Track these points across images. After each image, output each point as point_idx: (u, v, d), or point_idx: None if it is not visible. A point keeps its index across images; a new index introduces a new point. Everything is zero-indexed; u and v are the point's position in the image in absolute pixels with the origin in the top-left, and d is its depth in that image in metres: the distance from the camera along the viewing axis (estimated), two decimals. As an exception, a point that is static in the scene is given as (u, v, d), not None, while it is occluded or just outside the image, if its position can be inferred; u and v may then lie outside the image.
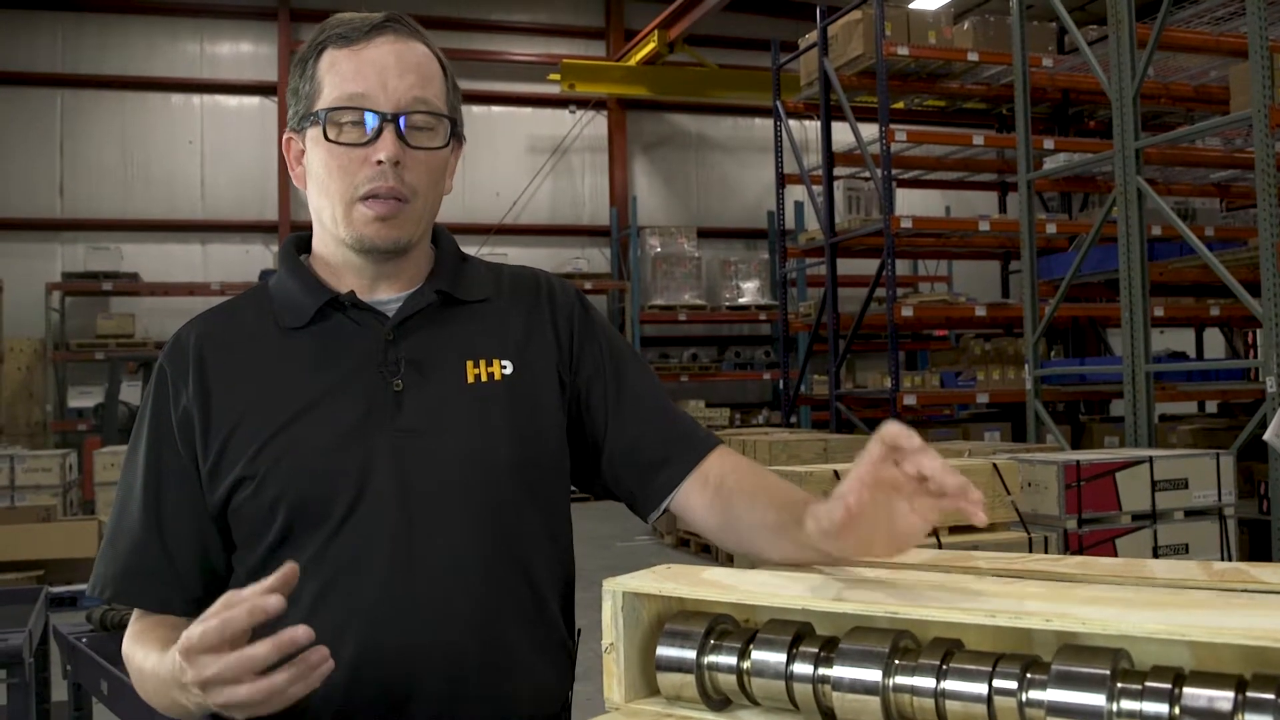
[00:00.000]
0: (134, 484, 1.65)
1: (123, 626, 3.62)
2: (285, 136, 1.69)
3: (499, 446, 1.62)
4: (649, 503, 1.72)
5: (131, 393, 14.25)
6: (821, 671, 1.11)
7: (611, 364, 1.77)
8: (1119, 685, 0.99)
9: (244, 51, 16.93)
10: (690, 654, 1.17)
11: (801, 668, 1.12)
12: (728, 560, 9.34)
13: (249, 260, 16.48)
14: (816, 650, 1.12)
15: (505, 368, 1.67)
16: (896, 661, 1.08)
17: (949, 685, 1.05)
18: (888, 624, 1.11)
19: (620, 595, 1.21)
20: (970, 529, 5.83)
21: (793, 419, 13.79)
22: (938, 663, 1.06)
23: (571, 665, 1.74)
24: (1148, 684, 0.99)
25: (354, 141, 1.58)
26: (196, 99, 16.68)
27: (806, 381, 13.73)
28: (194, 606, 1.61)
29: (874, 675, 1.08)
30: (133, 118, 16.35)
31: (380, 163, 1.57)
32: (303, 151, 1.66)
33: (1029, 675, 1.03)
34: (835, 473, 5.55)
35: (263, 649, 1.27)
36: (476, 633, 1.57)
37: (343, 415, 1.59)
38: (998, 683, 1.04)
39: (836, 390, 11.84)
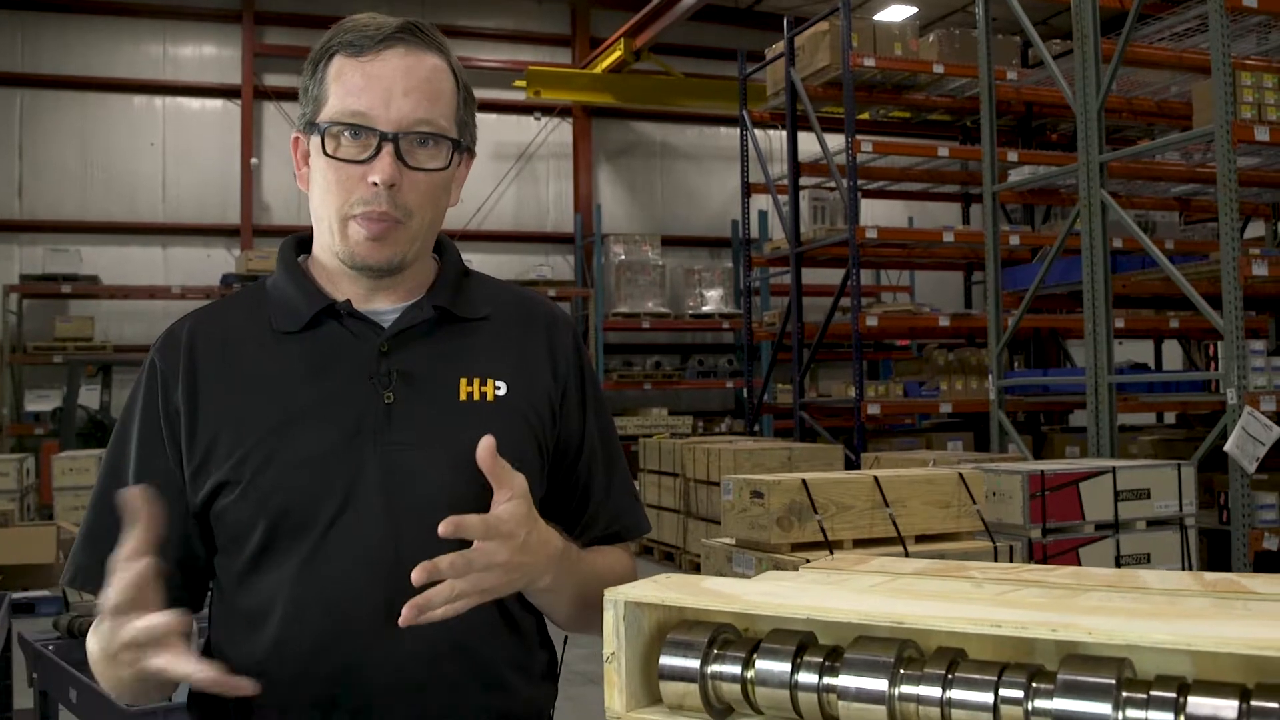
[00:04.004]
0: (119, 474, 1.62)
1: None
2: (293, 135, 1.67)
3: None
4: None
5: (90, 396, 14.13)
6: (826, 681, 1.11)
7: (590, 423, 1.78)
8: (1124, 694, 1.00)
9: (207, 54, 16.82)
10: (694, 663, 1.17)
11: (806, 677, 1.12)
12: (694, 570, 9.34)
13: (210, 264, 16.37)
14: (821, 660, 1.13)
15: (499, 388, 1.66)
16: (902, 671, 1.09)
17: (955, 694, 1.06)
18: (890, 633, 1.12)
19: (622, 604, 1.21)
20: (935, 538, 5.87)
21: (755, 427, 13.82)
22: (943, 672, 1.07)
23: (552, 680, 1.75)
24: (1152, 693, 1.00)
25: (351, 158, 1.56)
26: (159, 101, 16.56)
27: (770, 390, 13.77)
28: (173, 602, 1.61)
29: (880, 684, 1.08)
30: (94, 119, 16.21)
31: (375, 184, 1.55)
32: (308, 153, 1.64)
33: (1035, 684, 1.04)
34: (803, 481, 5.57)
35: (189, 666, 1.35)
36: (456, 650, 1.56)
37: (331, 425, 1.57)
38: (1004, 692, 1.04)
39: (801, 399, 11.87)
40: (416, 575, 1.37)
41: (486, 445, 1.44)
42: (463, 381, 1.64)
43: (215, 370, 1.62)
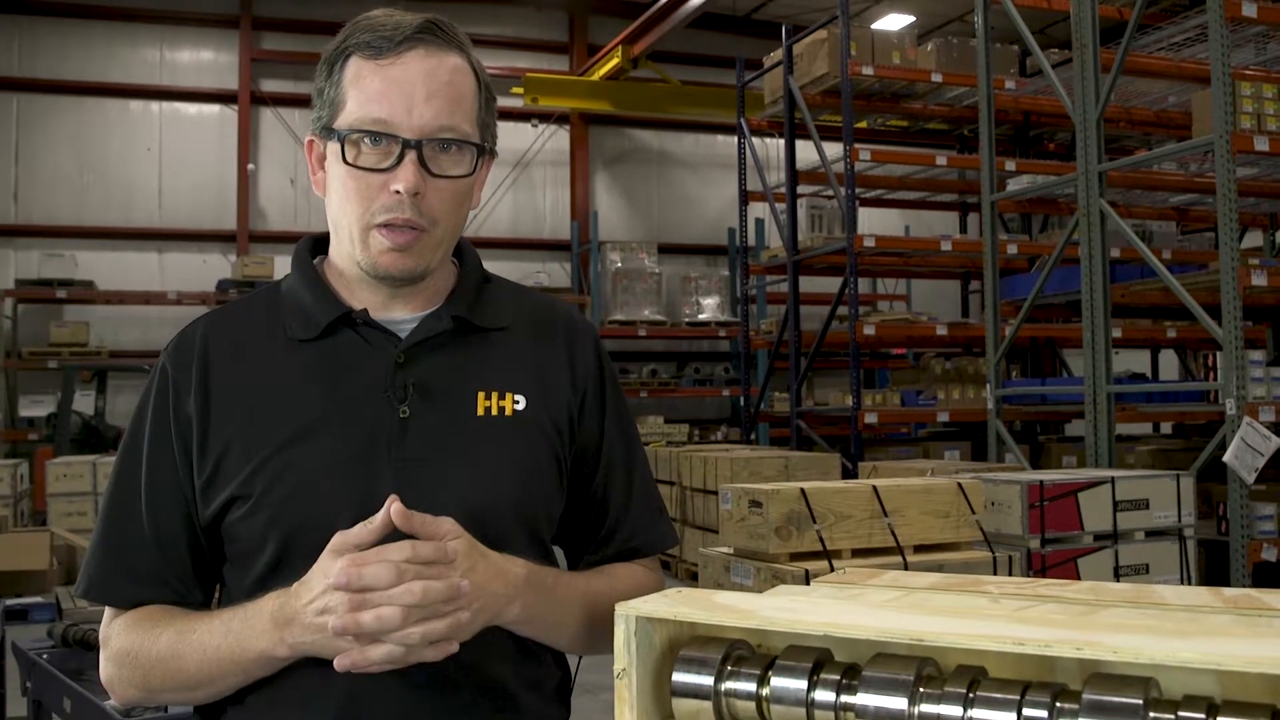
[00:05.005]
0: (132, 484, 1.59)
1: (85, 642, 3.56)
2: (308, 138, 1.63)
3: (503, 484, 1.57)
4: (568, 559, 1.77)
5: (85, 402, 14.07)
6: (844, 699, 1.09)
7: (609, 434, 1.74)
8: (1152, 715, 0.98)
9: (204, 59, 16.80)
10: (708, 680, 1.14)
11: (823, 695, 1.10)
12: (690, 579, 9.32)
13: (206, 270, 16.33)
14: (838, 678, 1.10)
15: (518, 403, 1.62)
16: (921, 689, 1.06)
17: (976, 714, 1.03)
18: (908, 651, 1.09)
19: (633, 620, 1.18)
20: (934, 548, 5.84)
21: (752, 436, 13.80)
22: (964, 691, 1.05)
23: (565, 698, 1.72)
24: (1181, 714, 0.98)
25: (373, 166, 1.52)
26: (155, 106, 16.53)
27: (767, 398, 13.74)
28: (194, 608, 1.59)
29: (899, 703, 1.06)
30: (90, 124, 16.17)
31: (399, 192, 1.51)
32: (324, 156, 1.59)
33: (1059, 704, 1.02)
34: (802, 490, 5.54)
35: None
36: (470, 671, 1.52)
37: (345, 439, 1.54)
38: (1027, 711, 1.02)
39: (797, 407, 11.85)
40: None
41: (398, 511, 1.39)
42: (481, 395, 1.60)
43: (228, 378, 1.58)
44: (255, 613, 1.44)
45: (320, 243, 1.71)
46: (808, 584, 4.48)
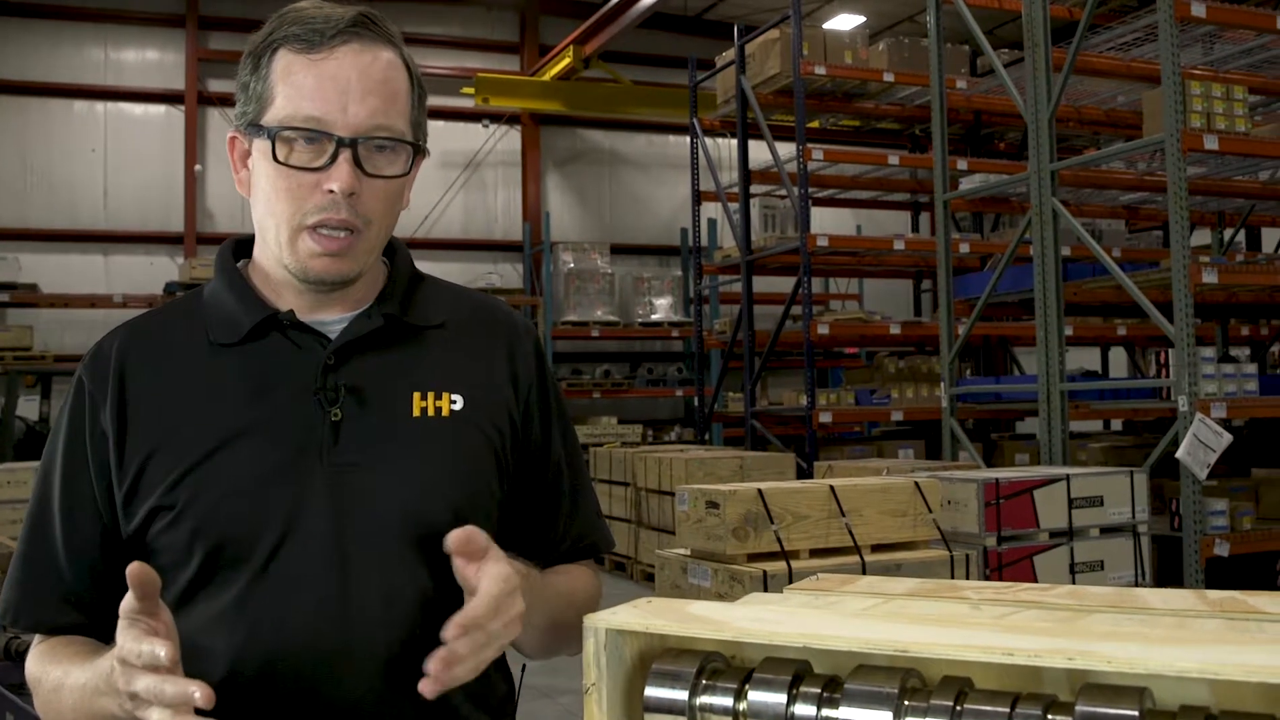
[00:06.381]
0: (47, 505, 1.53)
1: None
2: (230, 135, 1.55)
3: (442, 488, 1.51)
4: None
5: (29, 408, 13.83)
6: (825, 713, 1.04)
7: (554, 436, 1.69)
8: (1148, 728, 0.94)
9: (150, 59, 16.57)
10: (682, 695, 1.09)
11: (804, 709, 1.05)
12: (646, 580, 9.27)
13: (153, 272, 16.11)
14: (819, 690, 1.05)
15: (455, 403, 1.56)
16: (906, 702, 1.02)
17: (965, 728, 0.99)
18: (889, 661, 1.05)
19: (603, 632, 1.13)
20: (892, 547, 5.83)
21: (705, 436, 13.78)
22: (951, 703, 1.00)
23: (510, 712, 1.66)
24: (1177, 726, 0.94)
25: (305, 165, 1.45)
26: (100, 106, 16.29)
27: (720, 399, 13.72)
28: (111, 633, 1.52)
29: (884, 717, 1.01)
30: (33, 125, 15.91)
31: (333, 192, 1.44)
32: (248, 153, 1.52)
33: (1050, 716, 0.98)
34: (759, 491, 5.51)
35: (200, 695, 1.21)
36: (411, 685, 1.44)
37: (273, 445, 1.47)
38: (1017, 725, 0.98)
39: (752, 407, 11.84)
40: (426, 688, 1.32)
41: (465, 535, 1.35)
42: (416, 396, 1.54)
43: (147, 388, 1.52)
44: (101, 670, 1.34)
45: (244, 245, 1.64)
46: (765, 585, 4.42)
